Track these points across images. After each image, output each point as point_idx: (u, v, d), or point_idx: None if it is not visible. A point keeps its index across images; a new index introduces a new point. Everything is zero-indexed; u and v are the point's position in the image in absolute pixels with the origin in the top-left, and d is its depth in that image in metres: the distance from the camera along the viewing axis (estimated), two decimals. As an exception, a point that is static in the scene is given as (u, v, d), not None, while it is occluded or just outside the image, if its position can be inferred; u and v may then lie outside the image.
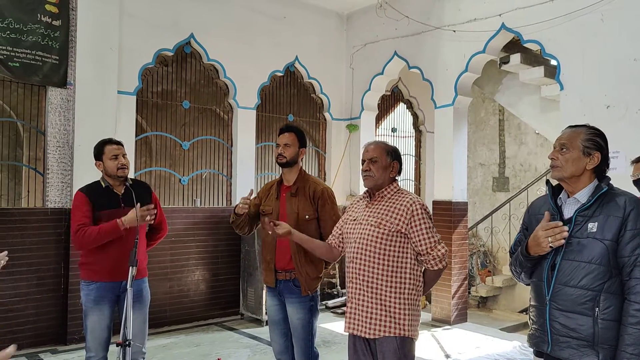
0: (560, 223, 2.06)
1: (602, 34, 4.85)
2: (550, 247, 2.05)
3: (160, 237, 3.73)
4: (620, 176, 4.46)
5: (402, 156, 2.83)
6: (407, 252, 2.59)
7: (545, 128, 7.20)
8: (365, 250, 2.60)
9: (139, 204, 3.24)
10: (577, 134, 2.14)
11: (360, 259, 2.61)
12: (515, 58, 6.56)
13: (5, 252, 2.63)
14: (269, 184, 3.51)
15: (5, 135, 5.51)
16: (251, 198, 3.28)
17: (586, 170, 2.11)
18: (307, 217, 3.23)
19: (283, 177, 3.37)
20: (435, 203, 6.37)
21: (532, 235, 2.13)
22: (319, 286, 3.31)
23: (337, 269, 7.12)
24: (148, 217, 3.28)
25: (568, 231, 2.04)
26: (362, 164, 2.72)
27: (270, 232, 2.90)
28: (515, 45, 6.50)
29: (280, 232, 2.86)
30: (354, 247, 2.65)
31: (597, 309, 1.99)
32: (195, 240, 6.17)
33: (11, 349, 1.59)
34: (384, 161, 2.68)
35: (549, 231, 2.05)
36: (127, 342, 2.88)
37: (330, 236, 2.96)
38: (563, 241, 2.03)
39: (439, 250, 2.58)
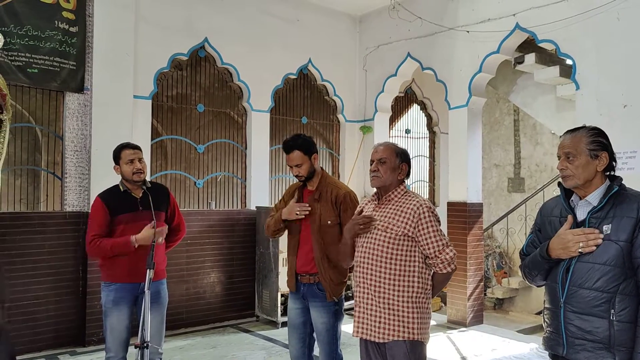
0: (597, 230, 2.03)
1: (618, 33, 4.79)
2: (580, 252, 2.03)
3: (179, 239, 3.78)
4: (638, 176, 4.42)
5: (415, 158, 2.82)
6: (415, 256, 2.56)
7: (561, 128, 7.12)
8: (373, 254, 2.58)
9: (154, 221, 3.29)
10: (578, 138, 2.11)
11: (368, 262, 2.59)
12: (530, 58, 6.50)
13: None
14: (293, 186, 3.48)
15: (24, 140, 5.61)
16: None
17: (597, 172, 2.09)
18: (329, 222, 3.18)
19: (306, 181, 3.35)
20: (449, 204, 6.34)
21: (557, 238, 2.10)
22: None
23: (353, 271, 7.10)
24: (160, 239, 3.37)
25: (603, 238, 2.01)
26: (371, 164, 2.70)
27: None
28: (529, 45, 6.45)
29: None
30: (362, 251, 2.63)
31: (612, 311, 1.97)
32: (211, 242, 6.22)
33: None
34: (392, 162, 2.65)
35: (581, 236, 2.03)
36: (145, 344, 2.91)
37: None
38: (595, 248, 2.01)
39: (447, 254, 2.55)
